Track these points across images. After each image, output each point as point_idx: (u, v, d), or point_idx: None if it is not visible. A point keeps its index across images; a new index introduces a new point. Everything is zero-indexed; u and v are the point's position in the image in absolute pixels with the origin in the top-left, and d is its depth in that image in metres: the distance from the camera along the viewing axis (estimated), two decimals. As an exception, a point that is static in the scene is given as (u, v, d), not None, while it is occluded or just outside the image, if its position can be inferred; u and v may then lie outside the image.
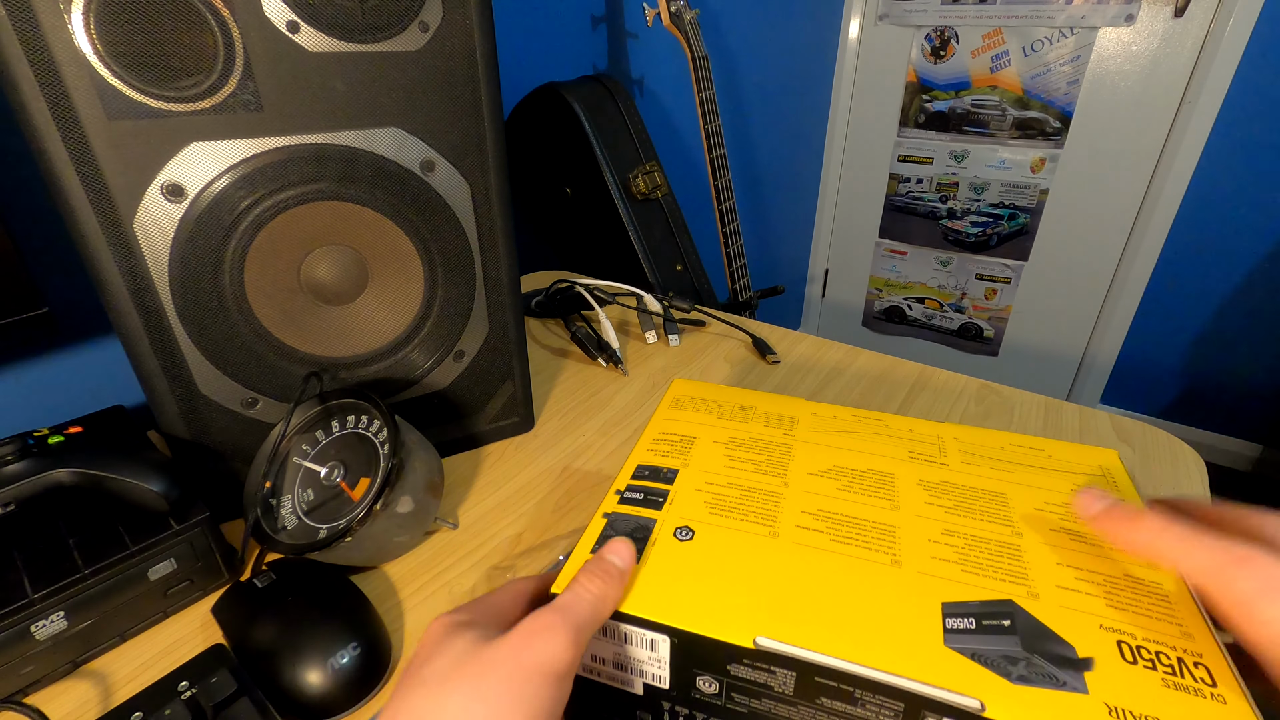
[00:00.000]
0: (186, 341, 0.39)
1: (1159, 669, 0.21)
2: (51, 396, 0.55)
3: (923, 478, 0.31)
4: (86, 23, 0.31)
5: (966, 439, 0.35)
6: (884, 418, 0.37)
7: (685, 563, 0.26)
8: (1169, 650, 0.22)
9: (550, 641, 0.22)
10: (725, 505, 0.30)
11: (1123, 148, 1.71)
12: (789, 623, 0.23)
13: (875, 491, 0.30)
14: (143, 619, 0.37)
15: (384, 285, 0.45)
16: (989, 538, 0.27)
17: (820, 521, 0.28)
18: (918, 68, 1.91)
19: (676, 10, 1.00)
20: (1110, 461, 0.33)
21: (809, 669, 0.22)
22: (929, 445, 0.34)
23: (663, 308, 0.73)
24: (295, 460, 0.41)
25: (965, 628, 0.23)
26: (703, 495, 0.30)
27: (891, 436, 0.35)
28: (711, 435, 0.35)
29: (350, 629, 0.34)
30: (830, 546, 0.27)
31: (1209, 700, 0.20)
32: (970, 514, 0.29)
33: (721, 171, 1.12)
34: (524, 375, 0.54)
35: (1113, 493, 0.29)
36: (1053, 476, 0.31)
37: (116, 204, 0.35)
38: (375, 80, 0.39)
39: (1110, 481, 0.31)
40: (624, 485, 0.31)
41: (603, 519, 0.29)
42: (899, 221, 2.12)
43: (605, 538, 0.28)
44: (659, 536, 0.28)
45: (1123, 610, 0.23)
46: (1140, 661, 0.21)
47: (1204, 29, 1.53)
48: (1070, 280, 1.91)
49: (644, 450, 0.34)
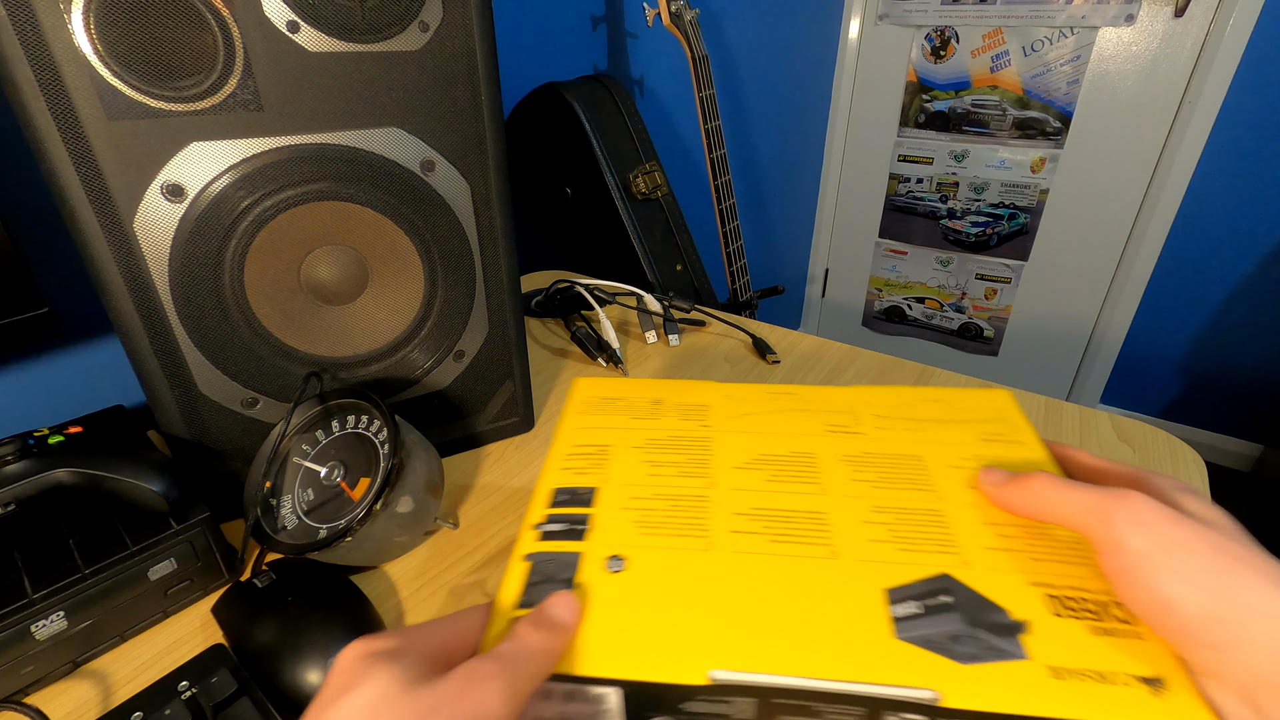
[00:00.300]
0: (186, 341, 0.39)
1: (1084, 617, 0.22)
2: (51, 396, 0.55)
3: (844, 452, 0.31)
4: (86, 23, 0.31)
5: (876, 401, 0.35)
6: (795, 390, 0.37)
7: (621, 599, 0.25)
8: (1088, 594, 0.23)
9: (488, 696, 0.19)
10: (654, 521, 0.28)
11: (1123, 148, 1.71)
12: (740, 647, 0.23)
13: (801, 476, 0.30)
14: (143, 619, 0.37)
15: (384, 285, 0.45)
16: (915, 507, 0.28)
17: (753, 522, 0.28)
18: (918, 68, 1.91)
19: (676, 10, 1.00)
20: (1005, 402, 0.34)
21: (766, 693, 0.22)
22: (843, 415, 0.34)
23: (663, 308, 0.73)
24: (295, 460, 0.41)
25: (912, 613, 0.23)
26: (629, 514, 0.29)
27: (807, 410, 0.35)
28: (627, 440, 0.33)
29: (350, 629, 0.34)
30: (767, 549, 0.26)
31: (1130, 639, 0.21)
32: (894, 484, 0.29)
33: (721, 171, 1.12)
34: (524, 375, 0.54)
35: (1010, 432, 0.32)
36: (959, 428, 0.32)
37: (116, 204, 0.35)
38: (375, 80, 0.39)
39: (1008, 423, 0.33)
40: (541, 517, 0.29)
41: (524, 563, 0.26)
42: (899, 221, 2.12)
43: (532, 586, 0.25)
44: (588, 574, 0.26)
45: (1043, 561, 0.25)
46: (1066, 613, 0.23)
47: (1204, 29, 1.53)
48: (1070, 280, 1.91)
49: (557, 469, 0.32)
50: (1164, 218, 1.69)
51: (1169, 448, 0.52)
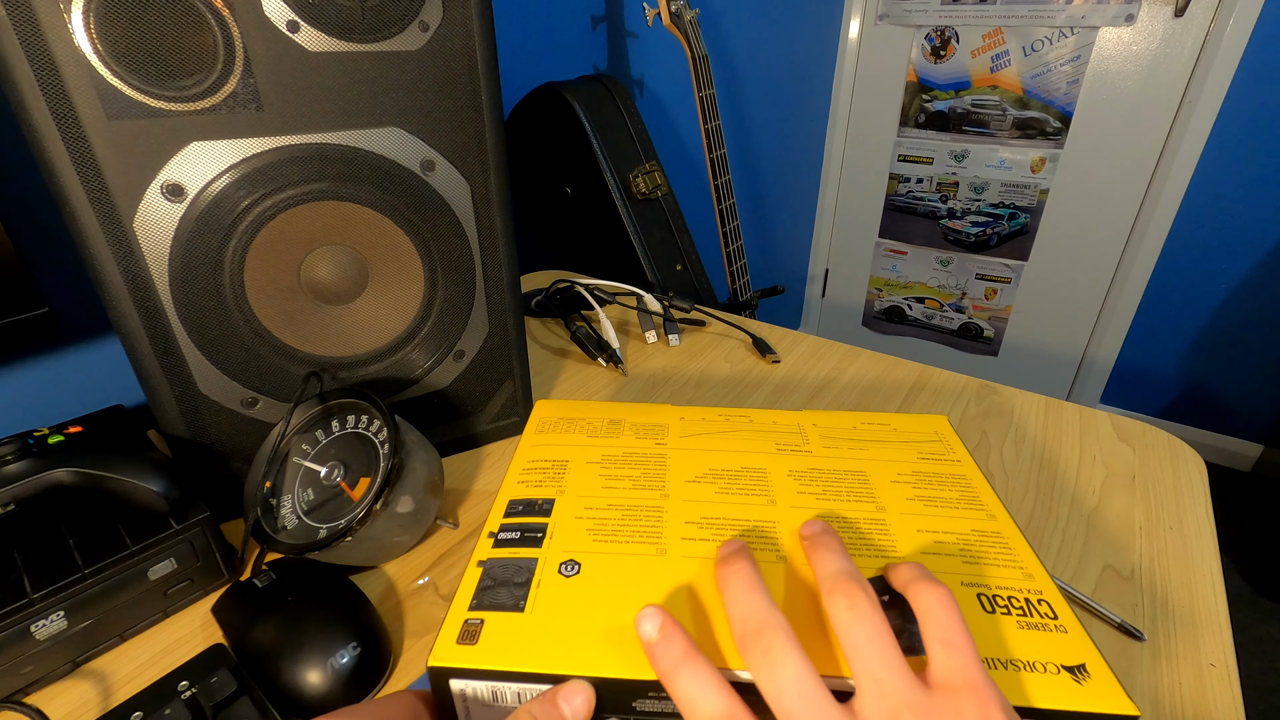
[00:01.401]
0: (186, 341, 0.39)
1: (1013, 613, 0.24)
2: (51, 396, 0.55)
3: (792, 468, 0.33)
4: (86, 22, 0.31)
5: (823, 423, 0.38)
6: (749, 413, 0.39)
7: (575, 601, 0.25)
8: (1017, 593, 0.25)
9: None
10: (608, 529, 0.29)
11: (1123, 148, 1.71)
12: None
13: (751, 490, 0.31)
14: (143, 619, 0.37)
15: (384, 285, 0.45)
16: (858, 517, 0.30)
17: (704, 529, 0.29)
18: (918, 67, 1.91)
19: (676, 10, 1.00)
20: (941, 426, 0.37)
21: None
22: (792, 435, 0.36)
23: (663, 307, 0.73)
24: (295, 460, 0.41)
25: None
26: (584, 522, 0.29)
27: (758, 431, 0.37)
28: (584, 456, 0.34)
29: (350, 629, 0.34)
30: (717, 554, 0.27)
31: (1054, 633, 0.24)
32: (839, 497, 0.31)
33: (721, 171, 1.12)
34: (524, 375, 0.54)
35: (945, 451, 0.35)
36: (900, 448, 0.35)
37: (116, 204, 0.35)
38: (375, 80, 0.39)
39: (944, 443, 0.36)
40: (497, 526, 0.29)
41: (478, 569, 0.27)
42: (899, 221, 2.12)
43: (483, 589, 0.26)
44: (543, 577, 0.26)
45: (975, 563, 0.27)
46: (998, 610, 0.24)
47: (1204, 29, 1.53)
48: (1070, 280, 1.91)
49: (514, 483, 0.32)
50: (1164, 217, 1.69)
51: (1169, 448, 0.52)
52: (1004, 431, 0.55)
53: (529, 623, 0.24)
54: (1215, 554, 0.42)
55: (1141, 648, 0.35)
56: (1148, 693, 0.33)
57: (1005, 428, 0.55)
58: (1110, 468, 0.50)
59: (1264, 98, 1.50)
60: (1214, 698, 0.33)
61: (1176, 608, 0.38)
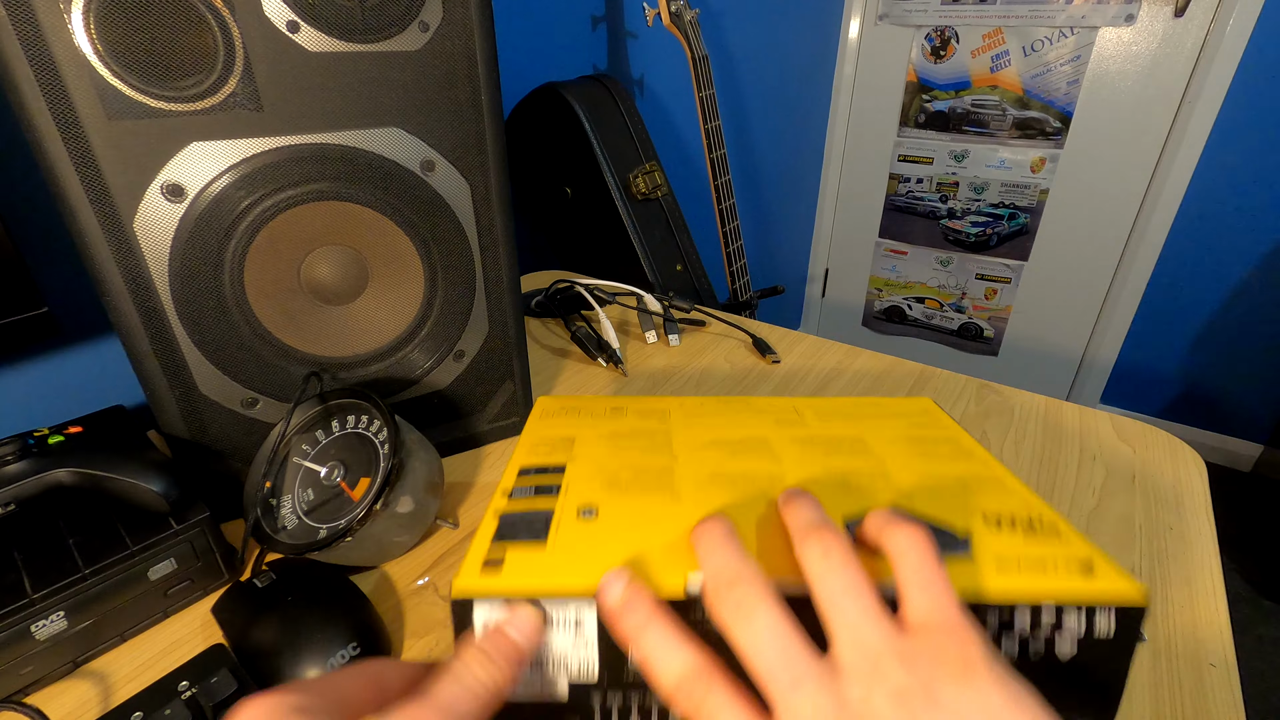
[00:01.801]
0: (186, 341, 0.39)
1: (1018, 530, 0.26)
2: (51, 396, 0.55)
3: (793, 436, 0.34)
4: (86, 22, 0.31)
5: (817, 405, 0.39)
6: (746, 399, 0.40)
7: (596, 536, 0.25)
8: (1019, 515, 0.27)
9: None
10: (623, 483, 0.29)
11: (1123, 148, 1.71)
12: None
13: (757, 452, 0.32)
14: (143, 619, 0.37)
15: (384, 285, 0.45)
16: (862, 468, 0.31)
17: (717, 482, 0.29)
18: (918, 67, 1.91)
19: (676, 10, 1.00)
20: (928, 404, 0.40)
21: None
22: (789, 414, 0.38)
23: (663, 308, 0.73)
24: (295, 460, 0.41)
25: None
26: (598, 478, 0.30)
27: (757, 412, 0.38)
28: (591, 433, 0.35)
29: (350, 629, 0.34)
30: (732, 500, 0.28)
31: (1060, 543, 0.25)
32: (841, 453, 0.32)
33: (721, 171, 1.12)
34: (524, 375, 0.54)
35: (934, 423, 0.36)
36: (892, 420, 0.37)
37: (116, 204, 0.35)
38: (375, 80, 0.39)
39: (932, 416, 0.38)
40: (511, 485, 0.29)
41: (495, 518, 0.27)
42: (899, 221, 2.12)
43: (502, 537, 0.25)
44: (562, 519, 0.26)
45: (977, 495, 0.28)
46: (1003, 528, 0.26)
47: (1204, 29, 1.53)
48: (1070, 280, 1.91)
49: (524, 454, 0.32)
50: (1164, 217, 1.69)
51: (1169, 448, 0.52)
52: (1004, 431, 0.55)
53: (551, 552, 0.24)
54: (1215, 554, 0.42)
55: (1142, 648, 0.35)
56: (1148, 693, 0.33)
57: (1005, 428, 0.55)
58: (1110, 468, 0.50)
59: (1264, 98, 1.50)
60: (1214, 698, 0.33)
61: (1176, 608, 0.38)
